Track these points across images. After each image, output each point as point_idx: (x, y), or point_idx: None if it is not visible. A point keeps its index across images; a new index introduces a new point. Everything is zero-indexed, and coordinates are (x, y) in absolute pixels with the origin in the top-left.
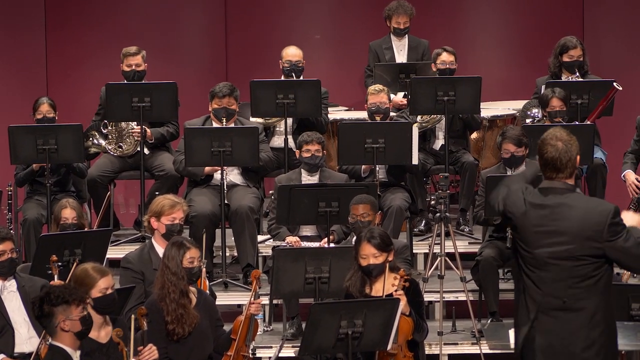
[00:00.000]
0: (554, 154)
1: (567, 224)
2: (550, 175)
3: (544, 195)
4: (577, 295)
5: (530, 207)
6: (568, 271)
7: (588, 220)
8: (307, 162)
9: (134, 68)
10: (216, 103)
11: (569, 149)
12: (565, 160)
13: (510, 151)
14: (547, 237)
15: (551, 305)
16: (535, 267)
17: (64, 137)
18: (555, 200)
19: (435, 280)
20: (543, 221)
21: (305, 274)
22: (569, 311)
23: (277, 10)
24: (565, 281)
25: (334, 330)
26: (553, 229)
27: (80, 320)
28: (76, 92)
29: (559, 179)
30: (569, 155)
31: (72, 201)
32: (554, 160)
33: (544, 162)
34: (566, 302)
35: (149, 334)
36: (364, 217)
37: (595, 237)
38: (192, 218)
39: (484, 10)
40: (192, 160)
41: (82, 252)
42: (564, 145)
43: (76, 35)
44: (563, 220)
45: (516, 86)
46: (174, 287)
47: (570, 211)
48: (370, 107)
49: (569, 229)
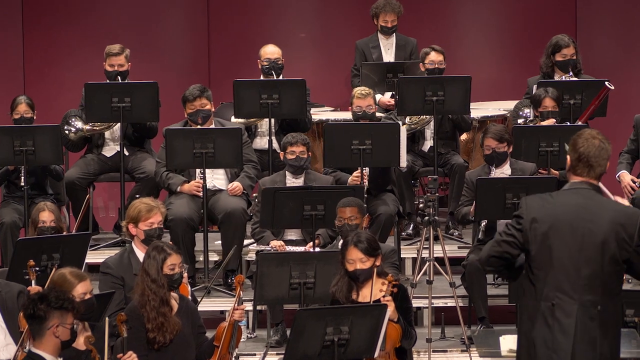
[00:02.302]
0: (590, 149)
1: (599, 225)
2: (581, 172)
3: (574, 194)
4: (608, 303)
5: (557, 207)
6: (601, 278)
7: (619, 221)
8: (291, 164)
9: (117, 68)
10: (189, 108)
11: (605, 148)
12: (600, 158)
13: (491, 147)
14: (579, 239)
15: (587, 314)
16: (567, 274)
17: (42, 139)
18: (586, 201)
19: (423, 286)
20: (574, 222)
21: (290, 279)
22: (601, 320)
23: (261, 8)
24: (598, 288)
25: (319, 337)
26: (585, 231)
27: (71, 330)
28: (54, 91)
29: (589, 177)
30: (604, 155)
31: (49, 204)
32: (588, 156)
33: (578, 156)
34: (600, 309)
35: (129, 340)
36: (351, 220)
37: (628, 240)
38: (169, 222)
39: (473, 8)
40: (174, 162)
41: (61, 257)
42: (600, 143)
43: (54, 34)
44: (594, 220)
45: (507, 86)
46: (154, 295)
47: (601, 211)
48: (355, 111)
49: (602, 231)
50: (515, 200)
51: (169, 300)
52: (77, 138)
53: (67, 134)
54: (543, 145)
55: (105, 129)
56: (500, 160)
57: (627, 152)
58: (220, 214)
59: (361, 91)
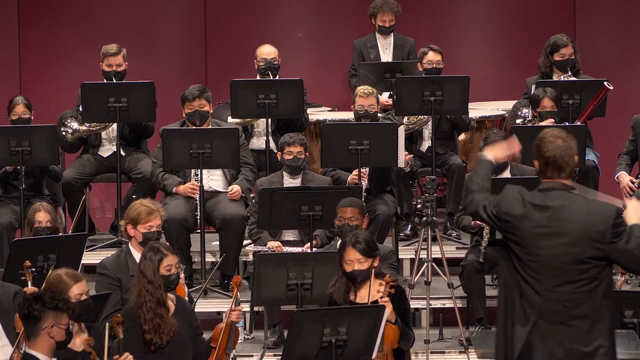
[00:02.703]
0: (555, 151)
1: (570, 226)
2: (551, 175)
3: (545, 196)
4: (579, 300)
5: (531, 208)
6: (569, 274)
7: (591, 221)
8: (289, 164)
9: (115, 68)
10: (188, 107)
11: (570, 146)
12: (567, 158)
13: None
14: (549, 239)
15: (551, 310)
16: (534, 272)
17: (39, 139)
18: (557, 202)
19: (421, 287)
20: (545, 222)
21: (287, 280)
22: (570, 316)
23: (258, 8)
24: (566, 285)
25: (317, 339)
26: (556, 231)
27: (66, 330)
28: (50, 91)
29: (560, 178)
30: (570, 153)
31: (45, 204)
32: (555, 159)
33: (545, 160)
34: (567, 306)
35: (126, 342)
36: (351, 220)
37: (599, 238)
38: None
39: (472, 7)
40: (170, 162)
41: (57, 258)
42: (564, 143)
43: (50, 34)
44: (566, 221)
45: (505, 86)
46: (151, 297)
47: (573, 212)
48: (357, 110)
49: (572, 231)
50: None
51: (165, 301)
52: (73, 139)
53: (64, 135)
54: None
55: (102, 129)
56: (500, 170)
57: (625, 153)
58: (219, 219)
59: (364, 90)
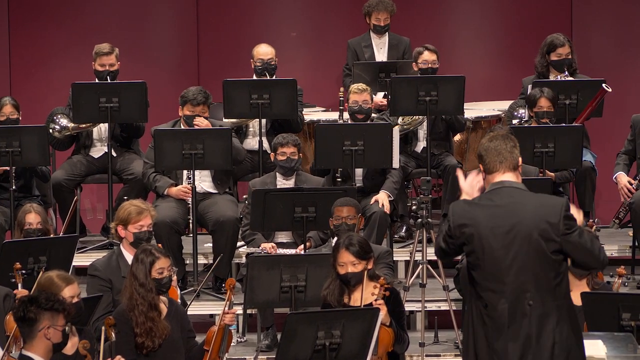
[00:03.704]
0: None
1: (523, 221)
2: (492, 169)
3: (493, 196)
4: (543, 298)
5: (481, 211)
6: (531, 272)
7: (542, 214)
8: (282, 165)
9: (108, 68)
10: (188, 109)
11: (506, 141)
12: (505, 151)
13: None
14: (505, 237)
15: (518, 310)
16: (496, 273)
17: (28, 139)
18: (507, 199)
19: (416, 289)
20: (499, 221)
21: (281, 283)
22: (535, 315)
23: (251, 6)
24: (528, 283)
25: (310, 342)
26: (509, 228)
27: (62, 332)
28: (41, 91)
29: (502, 170)
30: (507, 146)
31: (36, 206)
32: (490, 151)
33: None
34: (532, 305)
35: (118, 345)
36: (349, 219)
37: (552, 231)
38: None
39: (467, 6)
40: (162, 163)
41: (47, 260)
42: (501, 137)
43: (41, 33)
44: (518, 217)
45: (501, 86)
46: (142, 300)
47: (524, 207)
48: (351, 106)
49: (526, 226)
50: None
51: (157, 304)
52: (62, 136)
53: (52, 132)
54: (538, 146)
55: (91, 126)
56: None
57: (624, 152)
58: (212, 221)
59: (358, 86)
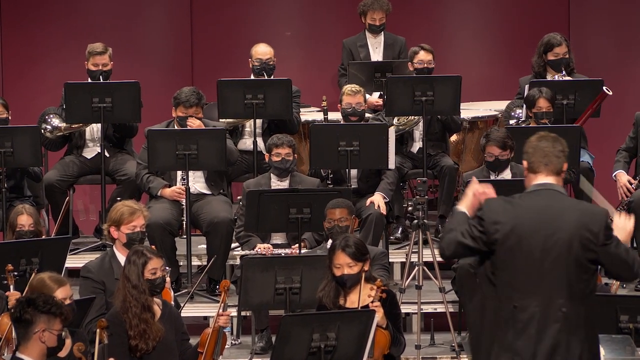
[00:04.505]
0: (540, 146)
1: (565, 227)
2: (536, 169)
3: (534, 197)
4: (576, 307)
5: (521, 211)
6: (567, 278)
7: (585, 222)
8: (277, 166)
9: (101, 68)
10: (182, 111)
11: (556, 146)
12: (552, 156)
13: (494, 154)
14: (546, 240)
15: (550, 315)
16: (532, 275)
17: (21, 140)
18: (548, 202)
19: (412, 291)
20: (541, 224)
21: (276, 284)
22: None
23: (245, 6)
24: (563, 290)
25: (305, 344)
26: (551, 232)
27: (57, 337)
28: (33, 91)
29: (545, 172)
30: (555, 152)
31: (28, 207)
32: (537, 152)
33: (531, 154)
34: (564, 312)
35: (110, 347)
36: (341, 221)
37: (592, 240)
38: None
39: (464, 5)
40: (156, 164)
41: (40, 261)
42: (551, 139)
43: (33, 32)
44: (561, 221)
45: (498, 86)
46: (135, 302)
47: (567, 212)
48: (344, 108)
49: (568, 232)
50: None
51: (151, 306)
52: (54, 136)
53: (43, 132)
54: None
55: (83, 126)
56: (502, 168)
57: (624, 149)
58: (206, 222)
59: (351, 88)
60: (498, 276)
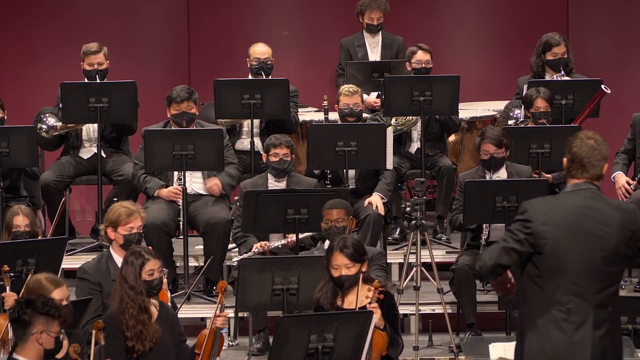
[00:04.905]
0: (583, 149)
1: (609, 229)
2: (575, 174)
3: (576, 197)
4: (605, 301)
5: (568, 211)
6: (611, 280)
7: (627, 222)
8: (274, 166)
9: (97, 67)
10: (174, 109)
11: (599, 149)
12: (593, 159)
13: (489, 152)
14: (593, 242)
15: (601, 317)
16: (584, 277)
17: (17, 140)
18: (592, 202)
19: (410, 292)
20: (589, 225)
21: (273, 285)
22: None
23: (243, 5)
24: (612, 295)
25: (303, 345)
26: (600, 233)
27: (55, 339)
28: (29, 91)
29: (584, 178)
30: (599, 155)
31: (24, 208)
32: (580, 157)
33: (571, 157)
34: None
35: (107, 348)
36: (338, 222)
37: (632, 238)
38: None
39: (462, 5)
40: (153, 164)
41: (36, 262)
42: (594, 144)
43: (29, 32)
44: (607, 223)
45: (496, 86)
46: (132, 302)
47: (611, 213)
48: (342, 109)
49: (612, 235)
50: (505, 203)
51: (148, 307)
52: (50, 136)
53: (39, 132)
54: (534, 147)
55: (79, 126)
56: (498, 166)
57: (623, 151)
58: (203, 223)
59: (348, 88)
60: (546, 279)
